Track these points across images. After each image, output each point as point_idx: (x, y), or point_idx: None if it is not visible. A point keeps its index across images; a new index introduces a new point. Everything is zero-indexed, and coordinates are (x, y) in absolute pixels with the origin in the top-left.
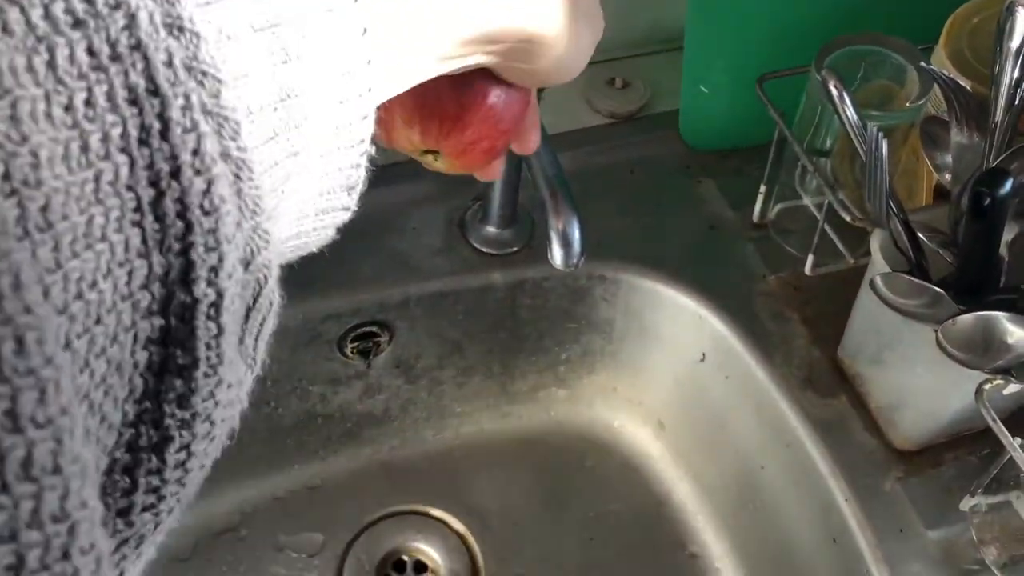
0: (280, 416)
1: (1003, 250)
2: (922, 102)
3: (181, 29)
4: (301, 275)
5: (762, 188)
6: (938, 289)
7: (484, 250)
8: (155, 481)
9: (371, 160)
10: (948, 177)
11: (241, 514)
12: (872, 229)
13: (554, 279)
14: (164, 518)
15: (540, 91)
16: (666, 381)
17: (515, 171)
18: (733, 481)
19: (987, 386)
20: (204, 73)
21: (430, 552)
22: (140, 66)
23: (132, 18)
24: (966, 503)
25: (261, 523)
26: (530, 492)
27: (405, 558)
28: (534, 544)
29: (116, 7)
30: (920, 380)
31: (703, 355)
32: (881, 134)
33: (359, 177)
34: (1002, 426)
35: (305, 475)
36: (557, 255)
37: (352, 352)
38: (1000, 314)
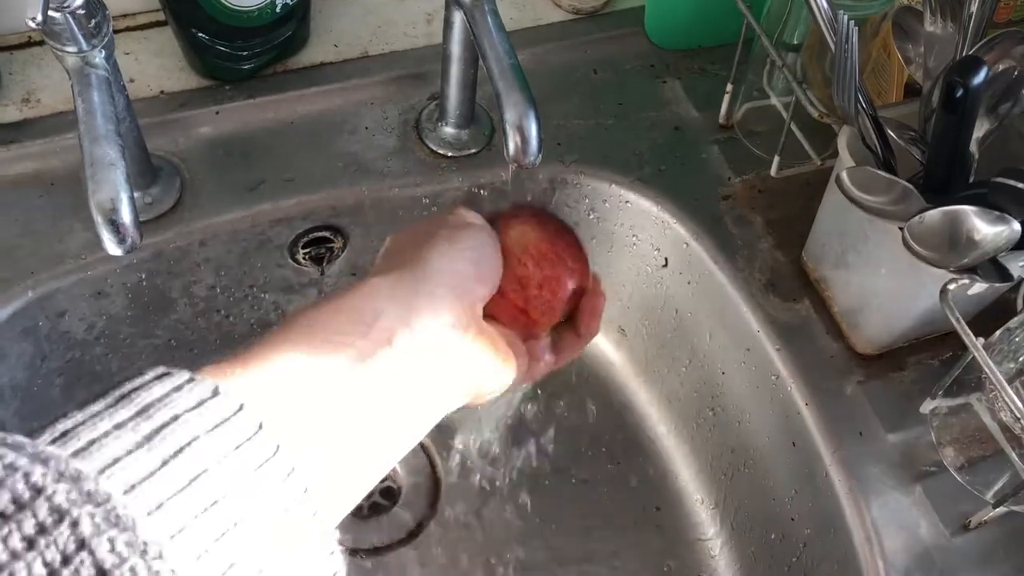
0: (232, 324)
1: (973, 148)
2: None
3: (118, 518)
4: (248, 177)
5: (728, 87)
6: (907, 183)
7: (441, 152)
8: None
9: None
10: (920, 73)
11: None
12: (840, 128)
13: (514, 182)
14: None
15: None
16: (628, 288)
17: (471, 66)
18: (693, 387)
19: (952, 286)
20: (145, 543)
21: (397, 468)
22: (88, 561)
23: (75, 526)
24: (926, 406)
25: None
26: (491, 405)
27: None
28: (494, 454)
29: (59, 521)
30: (884, 282)
31: (665, 260)
32: (852, 23)
33: None
34: (966, 326)
35: None
36: (513, 150)
37: (304, 258)
38: (968, 208)
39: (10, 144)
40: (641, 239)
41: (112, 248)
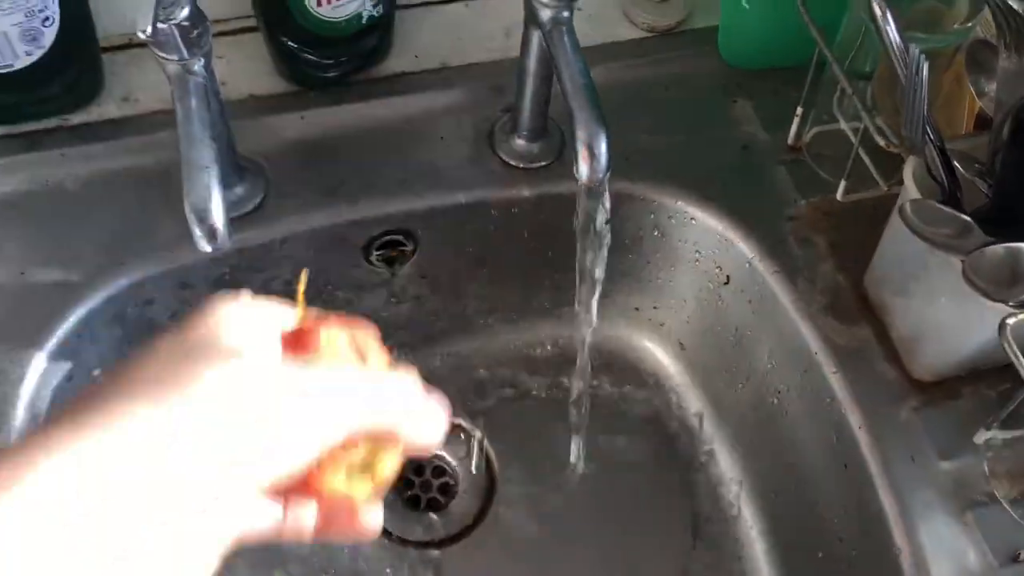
0: None
1: None
2: (970, 25)
3: None
4: (328, 180)
5: (798, 110)
6: (967, 218)
7: (512, 163)
8: None
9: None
10: (991, 106)
11: None
12: (907, 156)
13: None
14: None
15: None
16: (689, 303)
17: (546, 82)
18: (749, 404)
19: (1011, 320)
20: None
21: (448, 458)
22: None
23: None
24: (981, 436)
25: None
26: (548, 406)
27: (424, 462)
28: (549, 457)
29: None
30: (943, 312)
31: (728, 278)
32: (923, 55)
33: None
34: (1023, 360)
35: None
36: (583, 168)
37: (377, 260)
38: None
39: (109, 140)
40: (704, 256)
41: (203, 246)
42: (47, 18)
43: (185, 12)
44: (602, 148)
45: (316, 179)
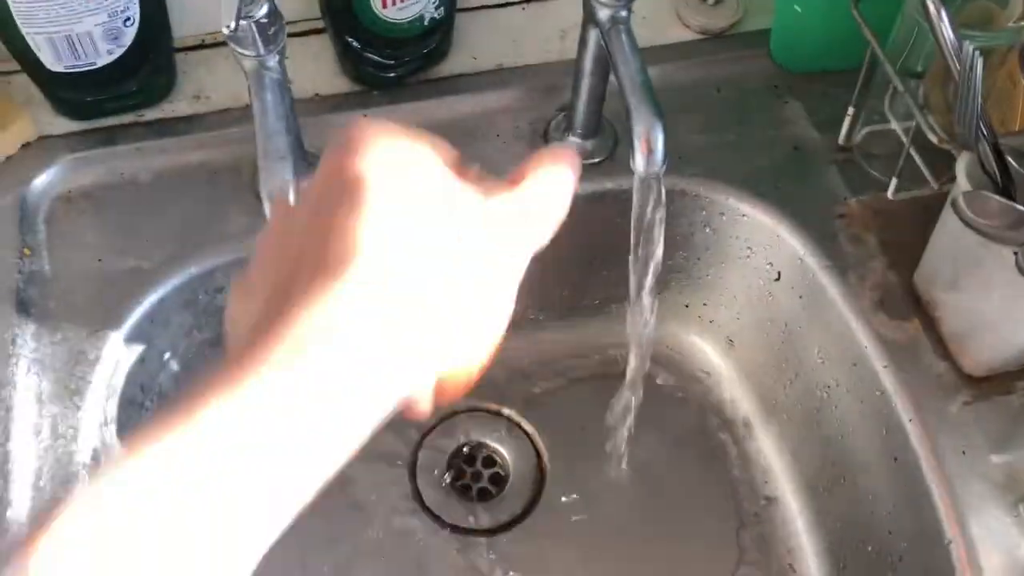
0: None
1: None
2: (1023, 24)
3: None
4: None
5: (850, 110)
6: (1021, 208)
7: None
8: None
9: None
10: None
11: None
12: (959, 154)
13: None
14: None
15: None
16: (739, 300)
17: (601, 81)
18: (798, 399)
19: None
20: None
21: (500, 449)
22: None
23: None
24: None
25: None
26: (598, 401)
27: (475, 453)
28: (598, 451)
29: None
30: (996, 306)
31: (778, 274)
32: (977, 52)
33: None
34: None
35: None
36: (640, 161)
37: None
38: None
39: (182, 135)
40: (755, 252)
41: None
42: (128, 18)
43: (264, 10)
44: (659, 140)
45: None
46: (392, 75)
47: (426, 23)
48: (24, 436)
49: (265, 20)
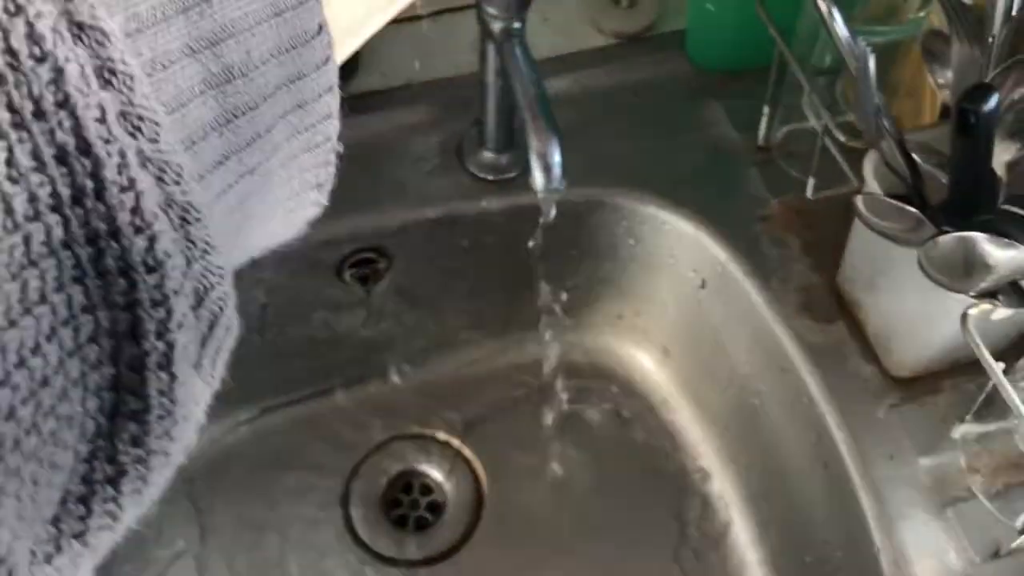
0: (284, 342)
1: (1002, 171)
2: (922, 15)
3: (114, 73)
4: None
5: (765, 110)
6: (913, 210)
7: (481, 175)
8: (111, 507)
9: (343, 89)
10: (949, 94)
11: (248, 437)
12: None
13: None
14: (121, 528)
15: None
16: (669, 308)
17: (507, 94)
18: (733, 407)
19: (972, 311)
20: (141, 118)
21: (436, 475)
22: (68, 124)
23: (59, 72)
24: (957, 430)
25: (267, 446)
26: (534, 418)
27: (412, 480)
28: (537, 468)
29: (41, 60)
30: (910, 306)
31: (703, 281)
32: (869, 48)
33: (328, 175)
34: (986, 352)
35: (310, 399)
36: (538, 179)
37: (351, 278)
38: (977, 235)
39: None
40: (679, 260)
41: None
42: None
43: None
44: (555, 158)
45: None
46: None
47: None
48: None
49: None
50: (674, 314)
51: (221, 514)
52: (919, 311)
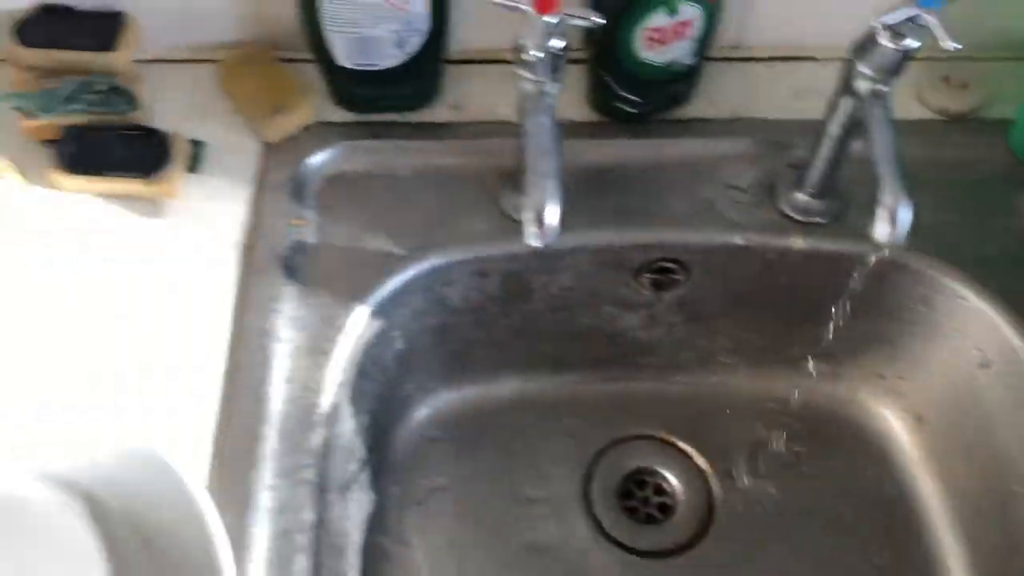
0: (570, 324)
1: None
2: None
3: None
4: (618, 203)
5: None
6: None
7: (791, 215)
8: None
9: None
10: None
11: (510, 401)
12: None
13: (852, 257)
14: None
15: None
16: (937, 378)
17: (842, 147)
18: (985, 489)
19: None
20: None
21: (671, 479)
22: None
23: None
24: None
25: (526, 414)
26: (776, 453)
27: (647, 479)
28: (770, 504)
29: None
30: None
31: (987, 361)
32: None
33: None
34: None
35: (577, 380)
36: (881, 229)
37: (647, 282)
38: None
39: (439, 139)
40: (966, 336)
41: (533, 240)
42: (418, 29)
43: (563, 44)
44: (905, 216)
45: (608, 202)
46: (637, 112)
47: (678, 68)
48: (278, 381)
49: (559, 52)
50: (941, 385)
51: (480, 461)
52: None
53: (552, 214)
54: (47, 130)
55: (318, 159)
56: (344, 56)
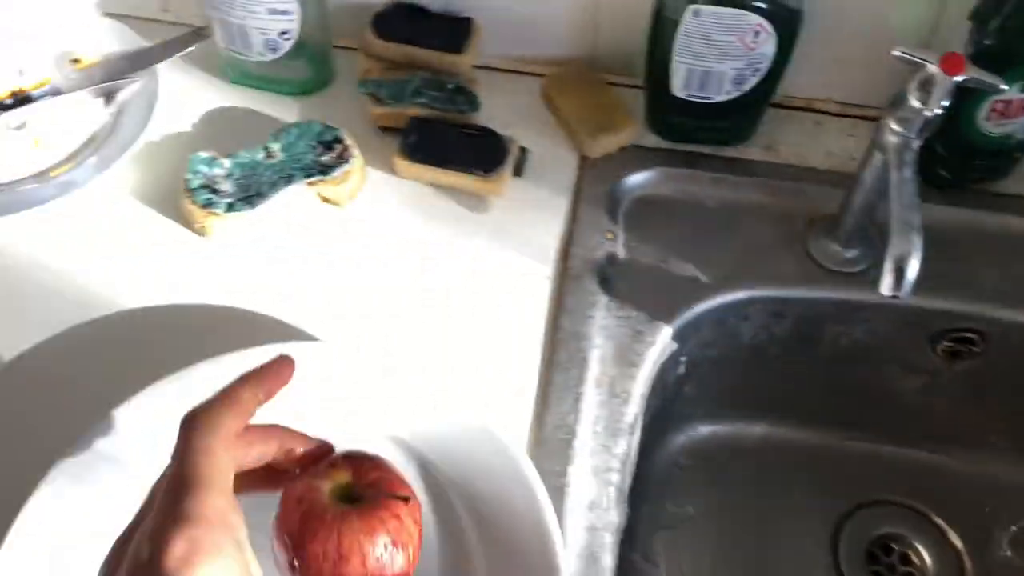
0: (847, 376)
1: None
2: None
3: None
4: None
5: None
6: None
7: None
8: None
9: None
10: None
11: (760, 441)
12: None
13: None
14: None
15: None
16: None
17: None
18: None
19: None
20: None
21: (923, 552)
22: None
23: None
24: None
25: (774, 457)
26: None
27: (895, 546)
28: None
29: None
30: None
31: None
32: None
33: None
34: None
35: (829, 432)
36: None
37: (943, 351)
38: None
39: (750, 176)
40: None
41: (887, 291)
42: (758, 69)
43: (949, 103)
44: (911, 269)
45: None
46: (956, 179)
47: (1014, 142)
48: (591, 385)
49: (943, 112)
50: None
51: (728, 496)
52: None
53: (914, 268)
54: (392, 117)
55: (633, 180)
56: (681, 86)
